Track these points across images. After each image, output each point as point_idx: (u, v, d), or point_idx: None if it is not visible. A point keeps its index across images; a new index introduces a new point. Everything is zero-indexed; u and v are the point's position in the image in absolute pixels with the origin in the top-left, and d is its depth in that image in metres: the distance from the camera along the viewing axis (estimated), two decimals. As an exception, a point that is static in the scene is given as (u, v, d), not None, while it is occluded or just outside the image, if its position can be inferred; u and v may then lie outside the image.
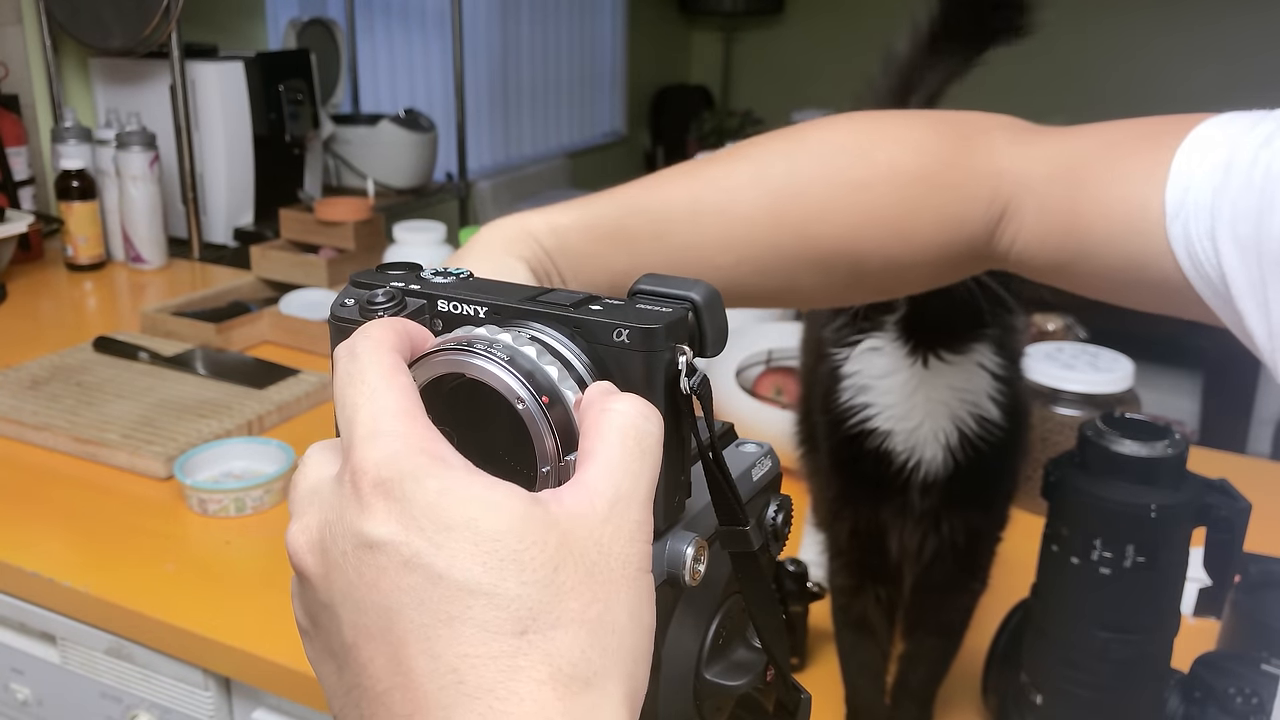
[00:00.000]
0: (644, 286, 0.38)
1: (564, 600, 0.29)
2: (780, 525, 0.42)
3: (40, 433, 1.25)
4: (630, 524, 0.31)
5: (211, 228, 2.11)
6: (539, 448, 0.33)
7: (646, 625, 0.31)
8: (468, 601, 0.28)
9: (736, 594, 0.40)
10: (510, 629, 0.28)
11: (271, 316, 1.60)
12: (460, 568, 0.29)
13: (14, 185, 1.96)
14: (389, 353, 0.33)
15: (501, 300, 0.37)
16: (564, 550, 0.30)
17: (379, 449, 0.30)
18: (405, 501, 0.29)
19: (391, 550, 0.29)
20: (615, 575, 0.30)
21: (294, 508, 0.33)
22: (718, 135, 4.57)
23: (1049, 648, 0.72)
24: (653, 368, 0.34)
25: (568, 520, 0.30)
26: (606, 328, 0.35)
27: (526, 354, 0.34)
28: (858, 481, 0.75)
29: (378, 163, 2.53)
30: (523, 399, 0.33)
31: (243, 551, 1.07)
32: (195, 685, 0.99)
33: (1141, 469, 0.67)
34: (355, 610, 0.30)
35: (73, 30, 1.98)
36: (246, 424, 1.27)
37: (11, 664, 1.11)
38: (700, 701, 0.39)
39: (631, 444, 0.32)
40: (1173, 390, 3.01)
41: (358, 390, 0.32)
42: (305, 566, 0.32)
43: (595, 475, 0.32)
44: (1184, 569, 0.70)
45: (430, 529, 0.29)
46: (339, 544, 0.30)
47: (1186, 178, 0.49)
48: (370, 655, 0.30)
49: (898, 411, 0.71)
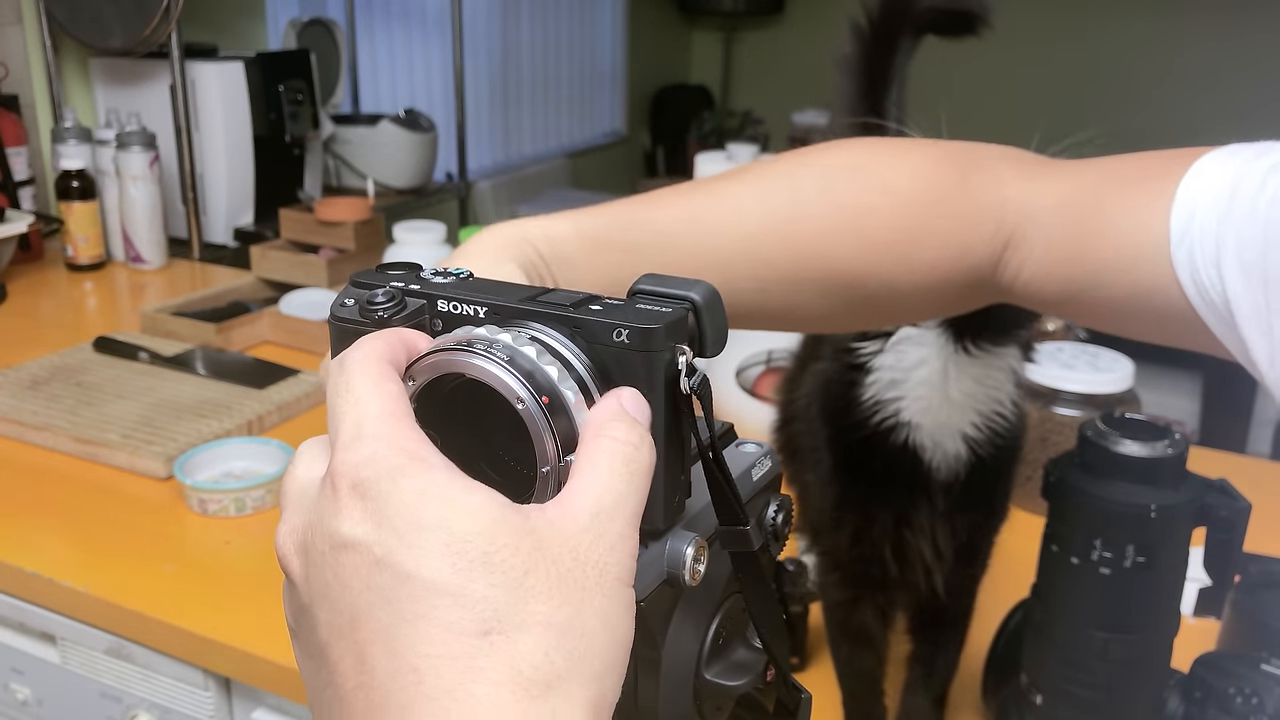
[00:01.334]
0: (644, 286, 0.37)
1: (531, 603, 0.29)
2: (780, 525, 0.42)
3: (40, 433, 1.25)
4: (611, 535, 0.31)
5: (211, 228, 2.11)
6: (539, 448, 0.33)
7: (621, 634, 0.31)
8: (433, 601, 0.29)
9: (736, 594, 0.40)
10: (473, 630, 0.28)
11: (271, 316, 1.60)
12: (429, 567, 0.29)
13: (14, 185, 1.96)
14: (377, 362, 0.33)
15: (501, 300, 0.37)
16: (536, 555, 0.30)
17: (359, 451, 0.31)
18: (380, 500, 0.30)
19: (364, 549, 0.29)
20: (589, 582, 0.30)
21: (283, 508, 0.34)
22: (718, 135, 4.57)
23: (1049, 648, 0.72)
24: (653, 368, 0.34)
25: (545, 528, 0.30)
26: (606, 328, 0.35)
27: (526, 354, 0.34)
28: (869, 483, 0.74)
29: (378, 163, 2.53)
30: (523, 399, 0.33)
31: (243, 551, 1.07)
32: (195, 685, 0.99)
33: (1141, 469, 0.67)
34: (329, 610, 0.30)
35: (73, 30, 1.98)
36: (246, 424, 1.27)
37: (11, 664, 1.11)
38: (700, 701, 0.39)
39: (619, 466, 0.32)
40: (1173, 390, 3.01)
41: (343, 398, 0.32)
42: (289, 568, 0.32)
43: (578, 490, 0.32)
44: (1184, 569, 0.70)
45: (403, 528, 0.29)
46: (318, 544, 0.31)
47: (1191, 204, 0.50)
48: (340, 654, 0.30)
49: (926, 404, 0.71)
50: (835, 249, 0.55)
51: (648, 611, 0.36)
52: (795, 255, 0.56)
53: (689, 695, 0.39)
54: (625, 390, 0.34)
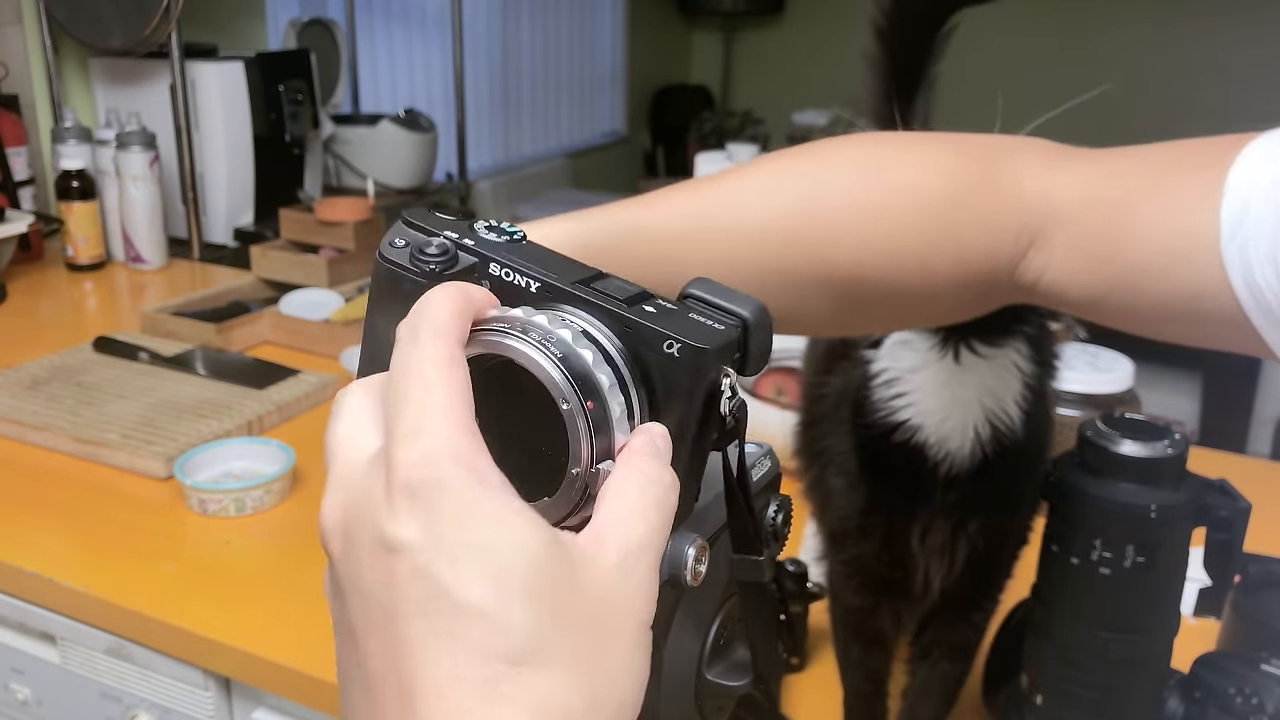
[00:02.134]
0: (696, 292, 0.37)
1: (564, 641, 0.29)
2: (780, 525, 0.42)
3: (40, 433, 1.25)
4: (638, 576, 0.32)
5: (211, 228, 2.11)
6: (574, 449, 0.33)
7: (639, 678, 0.32)
8: (468, 622, 0.29)
9: (737, 594, 0.40)
10: (504, 657, 0.28)
11: (271, 316, 1.60)
12: (469, 588, 0.29)
13: (14, 185, 1.96)
14: (449, 342, 0.32)
15: (555, 279, 0.36)
16: (572, 592, 0.30)
17: (417, 448, 0.30)
18: (430, 510, 0.29)
19: (406, 556, 0.29)
20: (616, 626, 0.31)
21: (328, 471, 0.33)
22: (718, 135, 4.57)
23: (1049, 648, 0.72)
24: (695, 385, 0.35)
25: (580, 563, 0.31)
26: (659, 336, 0.35)
27: (582, 357, 0.33)
28: (889, 483, 0.72)
29: (378, 163, 2.53)
30: (569, 401, 0.33)
31: (243, 551, 1.07)
32: (195, 685, 0.99)
33: (1141, 469, 0.66)
34: (362, 601, 0.30)
35: (73, 30, 1.98)
36: (246, 424, 1.27)
37: (11, 664, 1.11)
38: (701, 702, 0.39)
39: (650, 504, 0.32)
40: (1173, 390, 3.01)
41: (411, 378, 0.31)
42: (329, 545, 0.32)
43: (609, 521, 0.32)
44: (1184, 569, 0.70)
45: (449, 543, 0.29)
46: (360, 534, 0.31)
47: (1244, 196, 0.45)
48: (372, 648, 0.30)
49: (927, 405, 0.69)
50: (848, 252, 0.52)
51: (648, 612, 0.36)
52: (804, 258, 0.52)
53: (690, 695, 0.39)
54: (658, 428, 0.35)
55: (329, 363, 1.49)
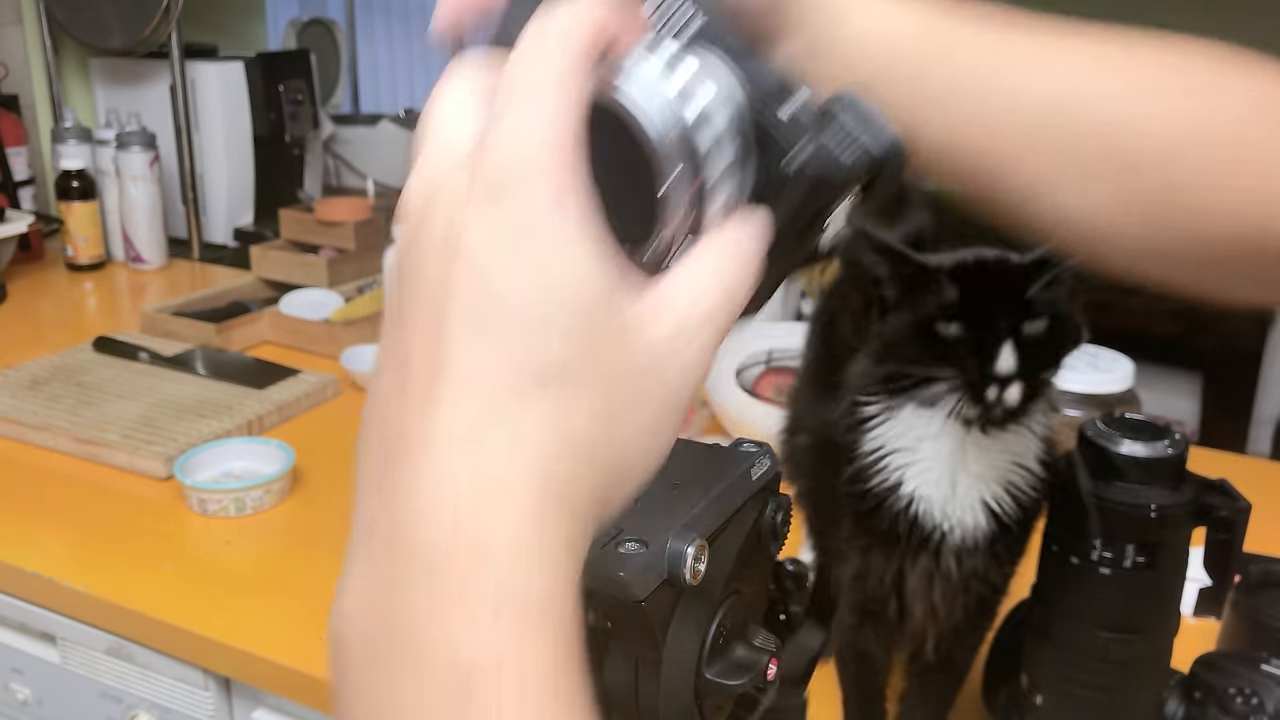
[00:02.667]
0: (838, 111, 0.32)
1: (595, 380, 0.29)
2: (780, 525, 0.42)
3: (40, 433, 1.25)
4: (689, 355, 0.30)
5: (211, 228, 2.11)
6: (661, 215, 0.31)
7: (655, 448, 0.31)
8: (509, 330, 0.28)
9: (736, 594, 0.40)
10: (534, 376, 0.28)
11: (271, 316, 1.60)
12: (519, 300, 0.28)
13: (14, 185, 1.96)
14: (577, 58, 0.30)
15: (715, 30, 0.33)
16: (615, 349, 0.29)
17: (514, 151, 0.29)
18: (506, 216, 0.28)
19: (466, 256, 0.28)
20: (650, 393, 0.30)
21: (421, 148, 0.32)
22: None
23: (1049, 648, 0.72)
24: (812, 196, 0.32)
25: (635, 325, 0.30)
26: (781, 151, 0.32)
27: (711, 129, 0.31)
28: (874, 534, 0.70)
29: (378, 163, 2.53)
30: (672, 176, 0.31)
31: (243, 551, 1.07)
32: (195, 685, 0.99)
33: (1141, 469, 0.66)
34: (411, 287, 0.30)
35: (73, 30, 1.98)
36: (246, 424, 1.27)
37: (11, 664, 1.11)
38: (701, 701, 0.39)
39: (726, 271, 0.31)
40: (1173, 390, 3.00)
41: (527, 81, 0.30)
42: (406, 215, 0.31)
43: (676, 285, 0.31)
44: (1184, 569, 0.70)
45: (511, 250, 0.28)
46: (434, 218, 0.30)
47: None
48: (415, 339, 0.29)
49: (935, 476, 0.66)
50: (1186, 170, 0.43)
51: (648, 611, 0.36)
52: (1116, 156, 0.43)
53: (689, 694, 0.39)
54: (760, 215, 0.32)
55: (329, 363, 1.49)
